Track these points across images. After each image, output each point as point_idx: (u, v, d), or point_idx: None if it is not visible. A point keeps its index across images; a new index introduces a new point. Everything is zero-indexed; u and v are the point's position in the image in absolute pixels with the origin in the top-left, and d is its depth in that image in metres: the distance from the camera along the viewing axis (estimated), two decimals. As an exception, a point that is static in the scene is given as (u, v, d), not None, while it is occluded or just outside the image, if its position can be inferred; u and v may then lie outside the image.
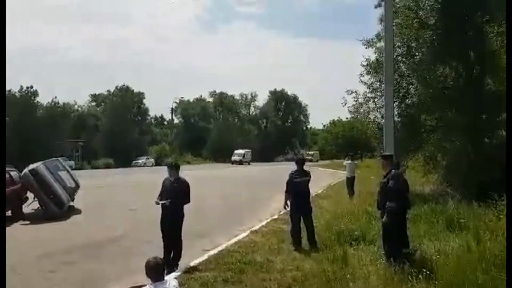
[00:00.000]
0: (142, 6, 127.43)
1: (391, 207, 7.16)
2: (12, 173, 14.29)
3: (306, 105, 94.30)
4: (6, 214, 13.26)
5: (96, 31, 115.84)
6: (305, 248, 8.97)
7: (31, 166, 14.33)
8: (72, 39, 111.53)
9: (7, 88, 46.16)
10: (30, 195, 14.33)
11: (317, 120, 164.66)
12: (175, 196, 7.64)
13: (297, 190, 9.29)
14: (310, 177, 9.57)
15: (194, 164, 58.13)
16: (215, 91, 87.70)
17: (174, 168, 7.86)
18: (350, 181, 17.57)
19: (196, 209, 10.31)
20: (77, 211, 14.90)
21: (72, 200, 15.31)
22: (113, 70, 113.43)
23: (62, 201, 14.01)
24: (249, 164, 61.03)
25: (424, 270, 6.39)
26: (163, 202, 7.62)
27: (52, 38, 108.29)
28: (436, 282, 6.20)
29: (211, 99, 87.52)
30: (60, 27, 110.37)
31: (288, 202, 9.38)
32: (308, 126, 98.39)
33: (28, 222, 13.23)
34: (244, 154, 63.75)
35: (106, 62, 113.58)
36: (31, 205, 14.37)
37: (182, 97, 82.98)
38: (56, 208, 13.73)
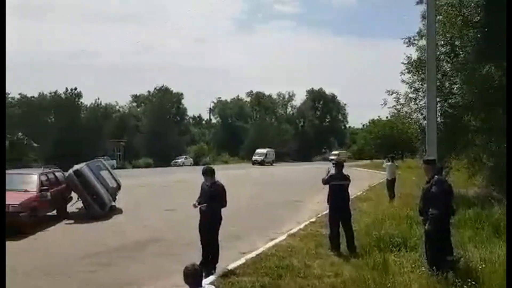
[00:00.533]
0: (180, 8, 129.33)
1: (434, 214, 6.91)
2: (57, 174, 14.83)
3: (345, 104, 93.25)
4: (51, 214, 13.81)
5: (135, 33, 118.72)
6: (344, 253, 8.82)
7: (76, 167, 14.79)
8: (113, 41, 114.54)
9: (52, 90, 48.08)
10: (74, 195, 14.79)
11: (356, 119, 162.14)
12: (211, 200, 7.72)
13: (336, 194, 9.15)
14: (350, 181, 9.40)
15: (231, 164, 58.59)
16: (252, 91, 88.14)
17: (208, 173, 7.95)
18: (391, 184, 17.17)
19: (232, 211, 10.32)
20: (118, 211, 15.27)
21: (114, 200, 15.70)
22: (153, 71, 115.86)
23: (104, 202, 14.39)
24: (271, 164, 57.44)
25: (469, 279, 6.14)
26: (199, 205, 7.73)
27: (94, 41, 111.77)
28: (482, 293, 5.94)
29: (248, 99, 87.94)
30: (102, 30, 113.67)
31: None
32: (347, 125, 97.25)
33: (72, 221, 13.68)
34: (266, 153, 59.84)
35: (146, 63, 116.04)
36: (75, 204, 14.86)
37: (219, 97, 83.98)
38: (99, 208, 14.13)
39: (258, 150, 61.52)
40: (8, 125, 42.93)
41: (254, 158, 59.34)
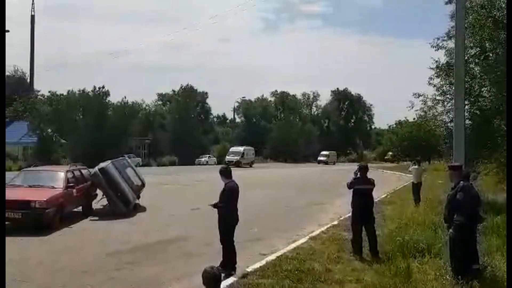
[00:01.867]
0: (206, 7, 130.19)
1: (459, 221, 6.73)
2: (83, 171, 15.10)
3: (371, 105, 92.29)
4: (76, 210, 14.09)
5: (162, 32, 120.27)
6: (367, 258, 8.68)
7: (101, 164, 15.02)
8: (141, 41, 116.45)
9: (81, 88, 49.06)
10: (99, 192, 15.04)
11: (382, 120, 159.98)
12: (226, 200, 7.76)
13: (359, 198, 9.02)
14: (374, 185, 9.26)
15: (255, 163, 58.59)
16: (276, 91, 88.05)
17: (224, 173, 7.99)
18: (416, 188, 16.82)
19: (253, 212, 10.35)
20: (142, 209, 15.45)
21: (138, 198, 15.89)
22: (179, 70, 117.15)
23: (129, 200, 14.58)
24: (250, 166, 53.58)
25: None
26: (211, 204, 7.91)
27: (123, 41, 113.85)
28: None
29: (272, 99, 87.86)
30: (130, 30, 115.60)
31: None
32: (373, 127, 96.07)
33: (97, 218, 13.91)
34: (243, 152, 54.85)
35: (172, 62, 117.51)
36: (100, 201, 15.11)
37: (244, 97, 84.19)
38: (123, 206, 14.32)
39: (233, 149, 55.82)
40: (38, 122, 44.15)
41: (228, 158, 51.57)
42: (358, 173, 9.22)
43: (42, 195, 11.78)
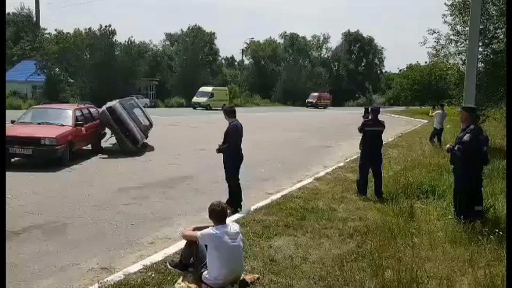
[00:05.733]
0: None
1: (465, 162, 6.73)
2: (92, 110, 15.17)
3: (382, 48, 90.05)
4: (86, 148, 14.29)
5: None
6: (370, 198, 8.82)
7: (109, 103, 15.03)
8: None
9: (87, 26, 48.21)
10: (108, 131, 15.16)
11: (393, 64, 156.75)
12: (230, 139, 7.86)
13: (369, 140, 9.03)
14: (384, 127, 9.24)
15: (263, 107, 58.39)
16: (285, 32, 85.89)
17: (228, 112, 8.01)
18: (437, 133, 16.48)
19: (260, 153, 10.42)
20: (150, 148, 15.63)
21: (146, 138, 16.03)
22: (187, 9, 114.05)
23: (137, 138, 14.70)
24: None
25: (497, 230, 6.03)
26: (217, 149, 7.99)
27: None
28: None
29: (281, 41, 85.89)
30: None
31: None
32: (383, 70, 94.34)
33: (106, 156, 14.14)
34: (212, 93, 47.61)
35: (180, 1, 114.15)
36: (109, 140, 15.27)
37: (252, 38, 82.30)
38: (131, 145, 14.48)
39: (201, 89, 48.68)
40: (46, 61, 43.86)
41: (195, 99, 46.80)
42: (370, 115, 9.18)
43: (52, 132, 11.91)
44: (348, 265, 5.34)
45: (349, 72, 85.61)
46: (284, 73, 74.15)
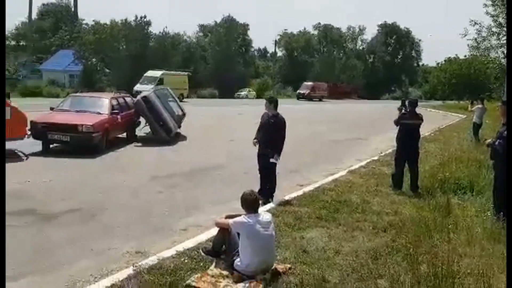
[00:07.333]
0: None
1: (505, 158, 6.46)
2: (127, 99, 15.43)
3: (419, 40, 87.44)
4: (121, 136, 14.57)
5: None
6: (406, 193, 8.61)
7: (144, 93, 15.27)
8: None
9: (123, 17, 49.07)
10: (142, 120, 15.41)
11: (431, 57, 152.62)
12: (272, 131, 7.71)
13: (406, 133, 8.81)
14: (422, 120, 8.99)
15: (294, 99, 57.98)
16: (319, 23, 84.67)
17: (272, 102, 7.86)
18: (476, 128, 16.09)
19: (293, 145, 10.33)
20: (183, 138, 15.80)
21: (179, 127, 16.21)
22: (221, 1, 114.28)
23: (170, 128, 14.88)
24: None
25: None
26: (255, 140, 7.91)
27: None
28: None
29: (315, 32, 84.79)
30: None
31: None
32: (420, 63, 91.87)
33: (140, 144, 14.39)
34: (159, 78, 38.70)
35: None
36: (143, 129, 15.53)
37: (286, 29, 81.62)
38: (165, 134, 14.66)
39: (148, 73, 39.91)
40: (83, 51, 44.96)
41: (137, 87, 34.97)
42: (408, 108, 8.95)
43: (89, 120, 12.19)
44: (382, 259, 5.23)
45: (385, 65, 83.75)
46: (318, 65, 73.31)
